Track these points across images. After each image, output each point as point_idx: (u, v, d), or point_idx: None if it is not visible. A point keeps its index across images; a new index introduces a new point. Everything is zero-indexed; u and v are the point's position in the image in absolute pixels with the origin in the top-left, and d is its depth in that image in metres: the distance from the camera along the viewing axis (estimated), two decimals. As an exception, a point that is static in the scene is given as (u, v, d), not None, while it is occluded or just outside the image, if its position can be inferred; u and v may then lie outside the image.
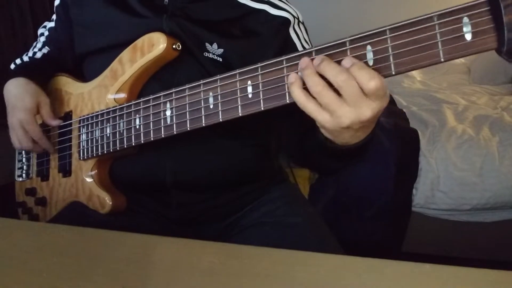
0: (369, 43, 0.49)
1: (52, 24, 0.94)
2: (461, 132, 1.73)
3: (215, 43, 0.75)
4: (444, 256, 1.71)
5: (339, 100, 0.49)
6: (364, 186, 1.67)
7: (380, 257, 0.52)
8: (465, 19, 0.44)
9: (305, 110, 0.51)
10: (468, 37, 0.44)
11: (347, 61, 0.48)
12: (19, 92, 0.80)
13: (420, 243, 1.73)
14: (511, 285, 0.47)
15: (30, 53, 0.94)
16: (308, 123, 0.57)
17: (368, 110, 0.48)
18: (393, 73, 0.48)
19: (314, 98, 0.50)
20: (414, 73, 2.74)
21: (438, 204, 1.65)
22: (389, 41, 0.48)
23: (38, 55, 0.92)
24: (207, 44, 0.75)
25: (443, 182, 1.63)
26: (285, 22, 0.78)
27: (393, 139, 1.68)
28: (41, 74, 0.86)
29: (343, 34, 0.51)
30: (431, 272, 0.50)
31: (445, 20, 0.45)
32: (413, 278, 0.50)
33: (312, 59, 0.51)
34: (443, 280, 0.49)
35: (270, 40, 0.77)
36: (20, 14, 2.12)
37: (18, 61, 0.91)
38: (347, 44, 0.50)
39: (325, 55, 0.50)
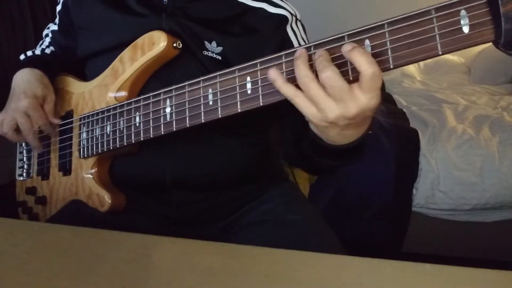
0: (367, 37, 0.49)
1: (55, 27, 0.95)
2: (461, 132, 1.73)
3: (214, 42, 0.76)
4: (444, 256, 1.71)
5: (324, 93, 0.49)
6: (364, 186, 1.67)
7: (380, 257, 0.52)
8: (463, 12, 0.44)
9: (293, 103, 0.52)
10: (466, 29, 0.44)
11: (347, 46, 0.48)
12: (33, 80, 0.80)
13: (420, 243, 1.73)
14: (511, 285, 0.47)
15: (39, 49, 0.94)
16: (304, 122, 0.57)
17: (353, 105, 0.48)
18: (391, 66, 0.48)
19: (302, 91, 0.50)
20: (414, 73, 2.74)
21: (438, 204, 1.66)
22: (387, 35, 0.48)
23: (47, 51, 0.93)
24: (206, 43, 0.76)
25: (443, 182, 1.63)
26: (283, 19, 0.78)
27: (393, 139, 1.68)
28: (51, 70, 0.87)
29: (341, 30, 0.51)
30: (431, 272, 0.50)
31: (442, 13, 0.45)
32: (413, 278, 0.50)
33: (311, 54, 0.51)
34: (443, 280, 0.49)
35: (268, 38, 0.77)
36: (20, 14, 2.11)
37: (29, 53, 0.91)
38: (346, 38, 0.50)
39: (324, 49, 0.51)
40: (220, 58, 0.75)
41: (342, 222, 1.67)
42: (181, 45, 0.73)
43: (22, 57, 0.89)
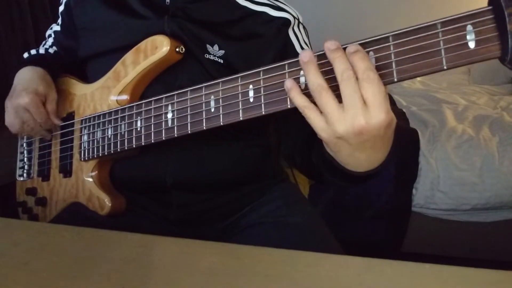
0: (371, 50, 0.48)
1: (57, 28, 0.95)
2: (461, 132, 1.74)
3: (216, 45, 0.75)
4: (444, 256, 1.71)
5: (336, 104, 0.47)
6: (364, 186, 1.67)
7: (380, 257, 0.52)
8: (469, 27, 0.43)
9: (304, 114, 0.50)
10: (472, 45, 0.43)
11: (352, 47, 0.47)
12: (35, 78, 0.80)
13: (420, 243, 1.73)
14: (511, 285, 0.47)
15: (43, 48, 0.94)
16: (307, 131, 0.56)
17: (362, 118, 0.46)
18: (395, 80, 0.48)
19: (314, 104, 0.49)
20: (414, 73, 2.74)
21: (438, 204, 1.66)
22: (391, 48, 0.47)
23: (51, 51, 0.93)
24: (208, 46, 0.75)
25: (443, 182, 1.63)
26: (285, 22, 0.78)
27: (393, 139, 1.68)
28: (54, 69, 0.87)
29: (343, 35, 0.51)
30: (431, 272, 0.50)
31: (448, 27, 0.44)
32: (413, 278, 0.50)
33: (317, 54, 0.50)
34: (443, 280, 0.49)
35: (271, 41, 0.77)
36: (20, 14, 2.11)
37: (33, 51, 0.91)
38: None
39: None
40: (222, 61, 0.75)
41: (342, 222, 1.67)
42: (184, 50, 0.73)
43: (25, 55, 0.89)
